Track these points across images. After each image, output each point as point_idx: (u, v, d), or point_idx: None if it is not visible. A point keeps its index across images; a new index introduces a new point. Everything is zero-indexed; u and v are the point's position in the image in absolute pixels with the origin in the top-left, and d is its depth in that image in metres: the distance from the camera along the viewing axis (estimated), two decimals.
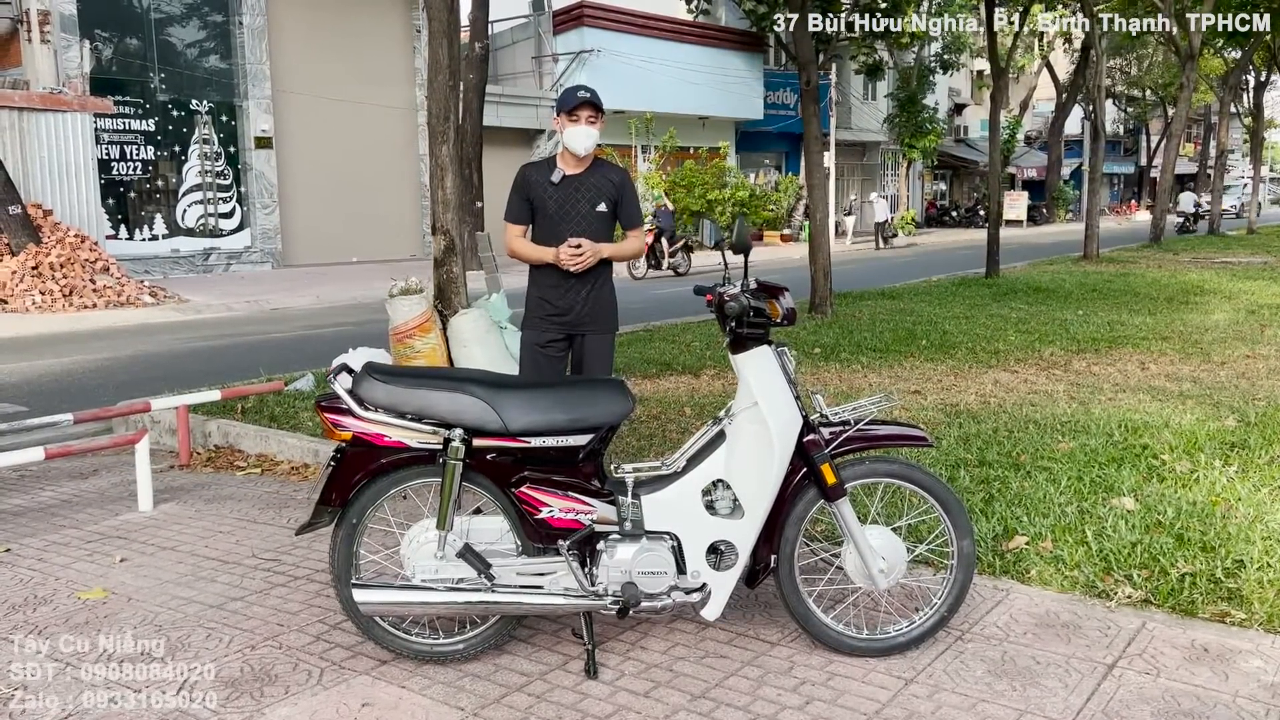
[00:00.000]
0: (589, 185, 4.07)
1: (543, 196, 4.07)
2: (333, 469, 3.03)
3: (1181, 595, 3.57)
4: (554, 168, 4.07)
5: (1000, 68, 16.53)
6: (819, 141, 11.63)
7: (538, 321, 4.16)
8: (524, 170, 4.17)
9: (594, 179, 4.09)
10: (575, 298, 4.10)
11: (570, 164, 4.07)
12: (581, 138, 3.96)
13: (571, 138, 3.97)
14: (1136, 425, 5.88)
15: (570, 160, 4.06)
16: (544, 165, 4.14)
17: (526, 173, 4.14)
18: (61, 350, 10.93)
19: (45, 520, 4.88)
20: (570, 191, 4.06)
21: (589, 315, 4.14)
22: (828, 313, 11.35)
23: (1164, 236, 25.48)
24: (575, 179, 4.07)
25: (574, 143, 3.97)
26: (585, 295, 4.11)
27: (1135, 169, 59.03)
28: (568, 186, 4.06)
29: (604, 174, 4.13)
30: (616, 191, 4.13)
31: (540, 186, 4.07)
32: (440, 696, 2.98)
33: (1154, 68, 44.25)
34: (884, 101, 37.49)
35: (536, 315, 4.16)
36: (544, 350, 4.15)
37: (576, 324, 4.13)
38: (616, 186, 4.14)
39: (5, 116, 16.07)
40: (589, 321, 4.14)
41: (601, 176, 4.11)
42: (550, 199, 4.05)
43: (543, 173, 4.09)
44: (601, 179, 4.11)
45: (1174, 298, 13.14)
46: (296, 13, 21.01)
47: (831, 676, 3.09)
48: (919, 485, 3.19)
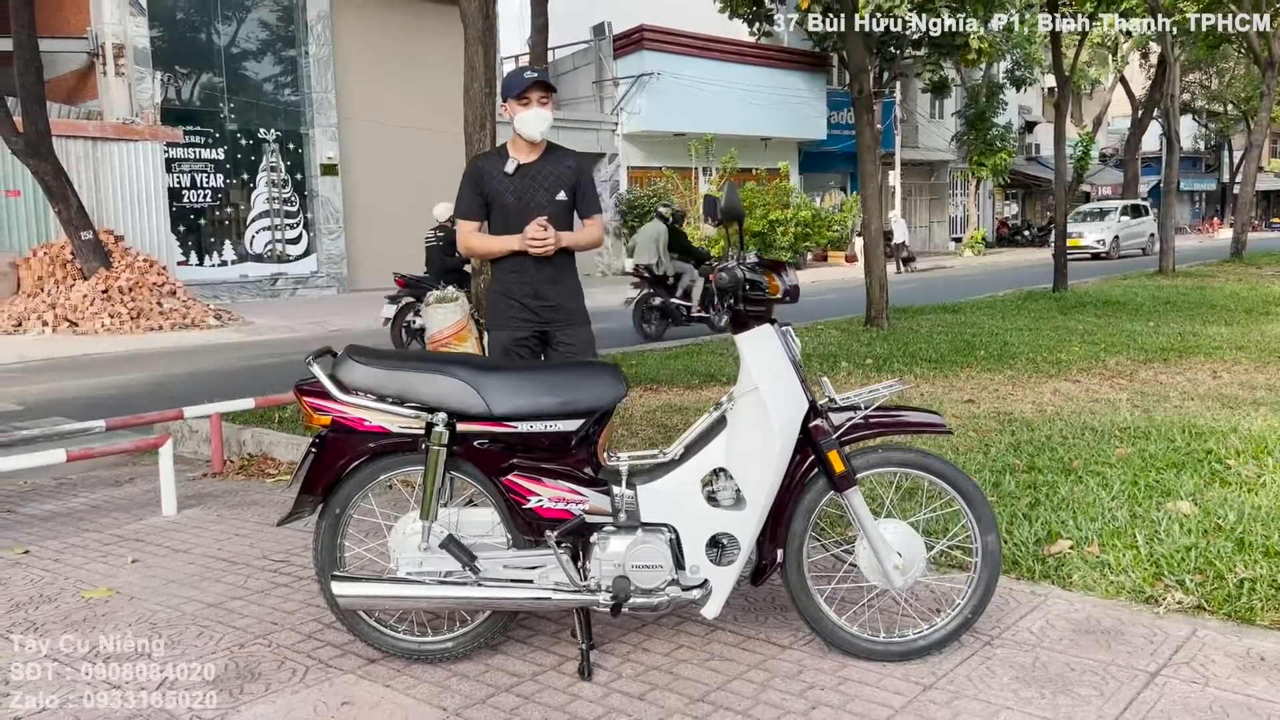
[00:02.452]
0: (546, 173, 3.87)
1: (498, 189, 3.84)
2: (313, 457, 2.91)
3: (1239, 601, 3.27)
4: (506, 157, 3.87)
5: (1065, 75, 16.06)
6: (872, 151, 11.37)
7: (506, 320, 3.93)
8: (474, 162, 3.99)
9: (551, 166, 3.88)
10: (541, 290, 3.88)
11: (523, 151, 3.87)
12: (535, 121, 3.76)
13: (524, 123, 3.77)
14: (1201, 430, 5.52)
15: (523, 148, 3.86)
16: (495, 156, 3.94)
17: (478, 164, 3.94)
18: (123, 369, 11.13)
19: (70, 524, 4.87)
20: (527, 181, 3.85)
21: (558, 307, 3.93)
22: (884, 325, 11.05)
23: (1245, 250, 24.49)
24: (531, 167, 3.86)
25: (527, 128, 3.78)
26: (550, 287, 3.90)
27: (1217, 186, 57.14)
28: (524, 176, 3.85)
29: (560, 160, 3.92)
30: (575, 178, 3.92)
31: (494, 178, 3.85)
32: (424, 696, 2.83)
33: (1235, 81, 42.86)
34: (951, 120, 36.88)
35: (504, 313, 3.94)
36: (516, 349, 3.93)
37: (546, 318, 3.93)
38: (574, 173, 3.93)
39: (80, 146, 16.60)
40: (559, 314, 3.94)
41: (558, 163, 3.91)
42: (507, 190, 3.84)
43: (495, 163, 3.89)
44: (558, 166, 3.90)
45: (1253, 309, 12.54)
46: (361, 42, 21.40)
47: (843, 681, 2.87)
48: (937, 475, 2.96)
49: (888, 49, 27.82)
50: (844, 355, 8.98)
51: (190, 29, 19.42)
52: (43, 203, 15.55)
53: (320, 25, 20.66)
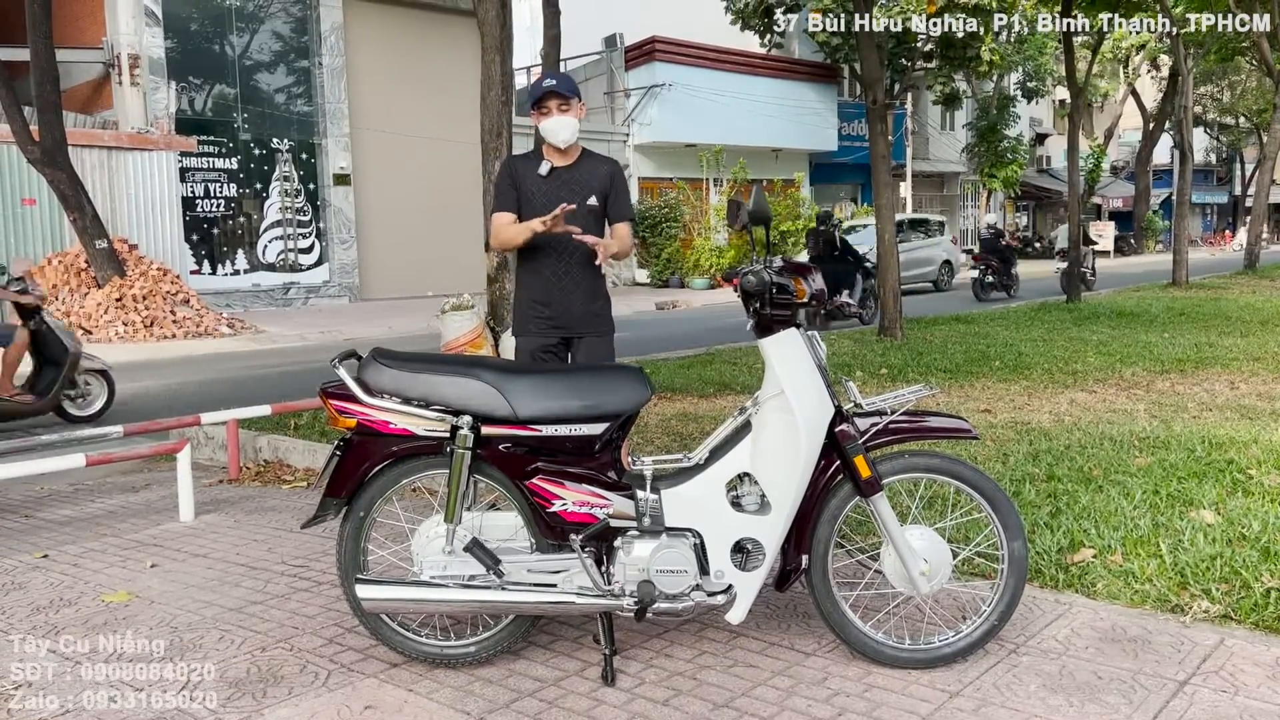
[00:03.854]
0: (578, 178, 3.89)
1: (531, 190, 3.87)
2: (338, 459, 2.91)
3: (1266, 610, 3.24)
4: (541, 160, 3.90)
5: (1078, 86, 16.04)
6: (886, 160, 11.36)
7: (531, 326, 3.95)
8: (511, 160, 4.02)
9: (583, 171, 3.91)
10: (569, 299, 3.89)
11: (556, 156, 3.89)
12: (558, 129, 3.79)
13: (548, 131, 3.80)
14: (1222, 441, 5.48)
15: (555, 152, 3.89)
16: (531, 157, 3.96)
17: (514, 163, 3.96)
18: (136, 376, 11.15)
19: (88, 529, 4.87)
20: (559, 185, 3.86)
21: (584, 316, 3.93)
22: (898, 335, 11.02)
23: (1259, 262, 24.40)
24: (564, 171, 3.88)
25: (552, 136, 3.81)
26: (579, 296, 3.91)
27: (1229, 198, 56.99)
28: (557, 179, 3.87)
29: (593, 165, 3.95)
30: (607, 183, 3.94)
31: (528, 179, 3.88)
32: (447, 700, 2.82)
33: (1247, 94, 42.79)
34: (962, 132, 36.87)
35: (530, 319, 3.95)
36: (542, 356, 3.95)
37: (572, 326, 3.93)
38: (607, 178, 3.95)
39: (95, 155, 16.68)
40: (585, 323, 3.94)
41: (591, 168, 3.93)
42: (539, 193, 3.85)
43: (530, 165, 3.91)
44: (591, 171, 3.92)
45: (1269, 321, 12.47)
46: (373, 53, 21.49)
47: (869, 688, 2.85)
48: (964, 481, 2.94)
49: (899, 60, 27.87)
50: (859, 365, 8.96)
51: (205, 40, 19.53)
52: (58, 211, 15.63)
53: (334, 36, 20.76)
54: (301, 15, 20.71)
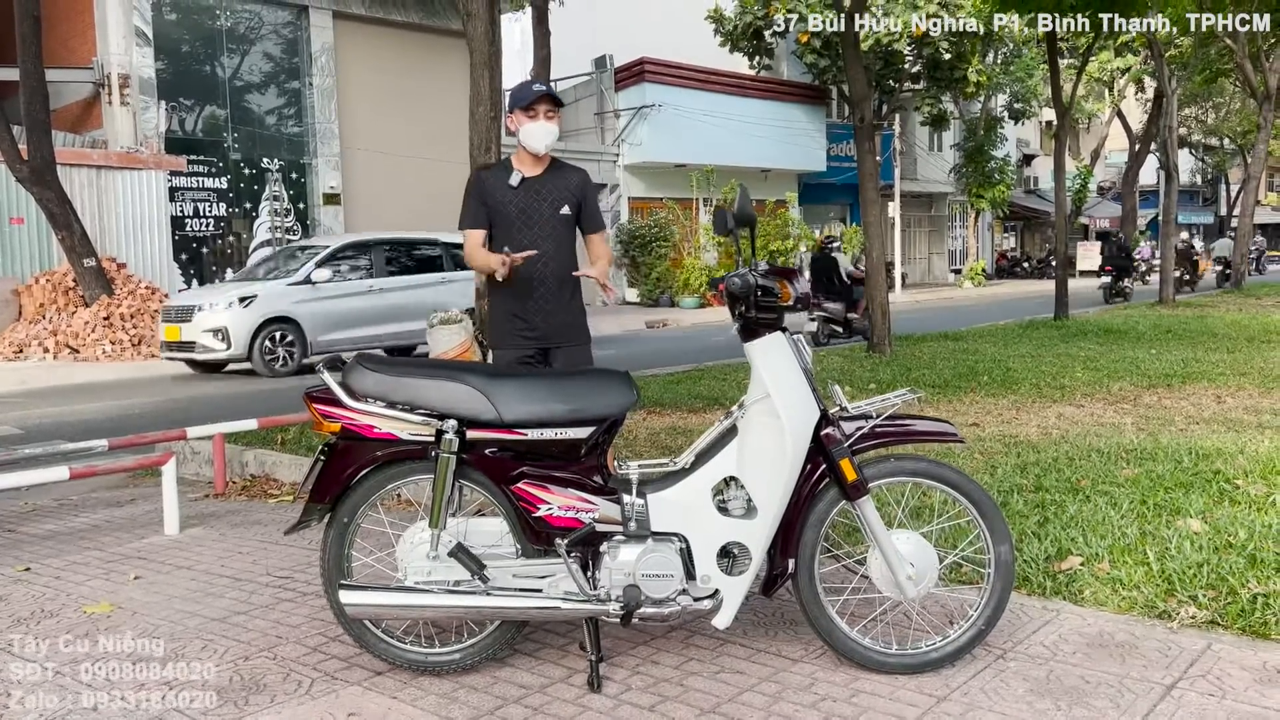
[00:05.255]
0: (550, 188, 3.87)
1: (501, 201, 3.84)
2: (322, 464, 2.89)
3: (1253, 616, 3.23)
4: (510, 170, 3.87)
5: (1064, 105, 16.17)
6: (874, 178, 11.42)
7: (509, 339, 3.93)
8: (478, 173, 3.98)
9: (555, 181, 3.89)
10: (546, 311, 3.89)
11: (528, 165, 3.87)
12: (541, 135, 3.77)
13: (529, 135, 3.77)
14: (1208, 452, 5.50)
15: (528, 161, 3.87)
16: (500, 169, 3.94)
17: (482, 176, 3.93)
18: (123, 394, 11.11)
19: (71, 543, 4.83)
20: (531, 195, 3.85)
21: (561, 328, 3.93)
22: (886, 352, 11.04)
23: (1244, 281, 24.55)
24: (535, 181, 3.86)
25: (532, 140, 3.78)
26: (556, 309, 3.91)
27: (1215, 219, 57.43)
28: (528, 189, 3.85)
29: (564, 175, 3.93)
30: (579, 193, 3.93)
31: (498, 190, 3.85)
32: (431, 707, 2.79)
33: (1231, 115, 43.18)
34: (950, 152, 37.10)
35: (506, 332, 3.94)
36: (520, 366, 3.93)
37: (549, 337, 3.93)
38: (579, 188, 3.94)
39: (85, 174, 16.67)
40: (561, 335, 3.94)
41: (562, 178, 3.92)
42: (510, 203, 3.83)
43: (499, 175, 3.89)
44: (563, 180, 3.91)
45: (1255, 337, 12.53)
46: (364, 73, 21.55)
47: (855, 693, 2.83)
48: (950, 485, 2.94)
49: (886, 82, 28.07)
50: (847, 380, 8.96)
51: (195, 60, 19.56)
52: (46, 230, 15.61)
53: (324, 57, 20.82)
54: (292, 36, 20.77)
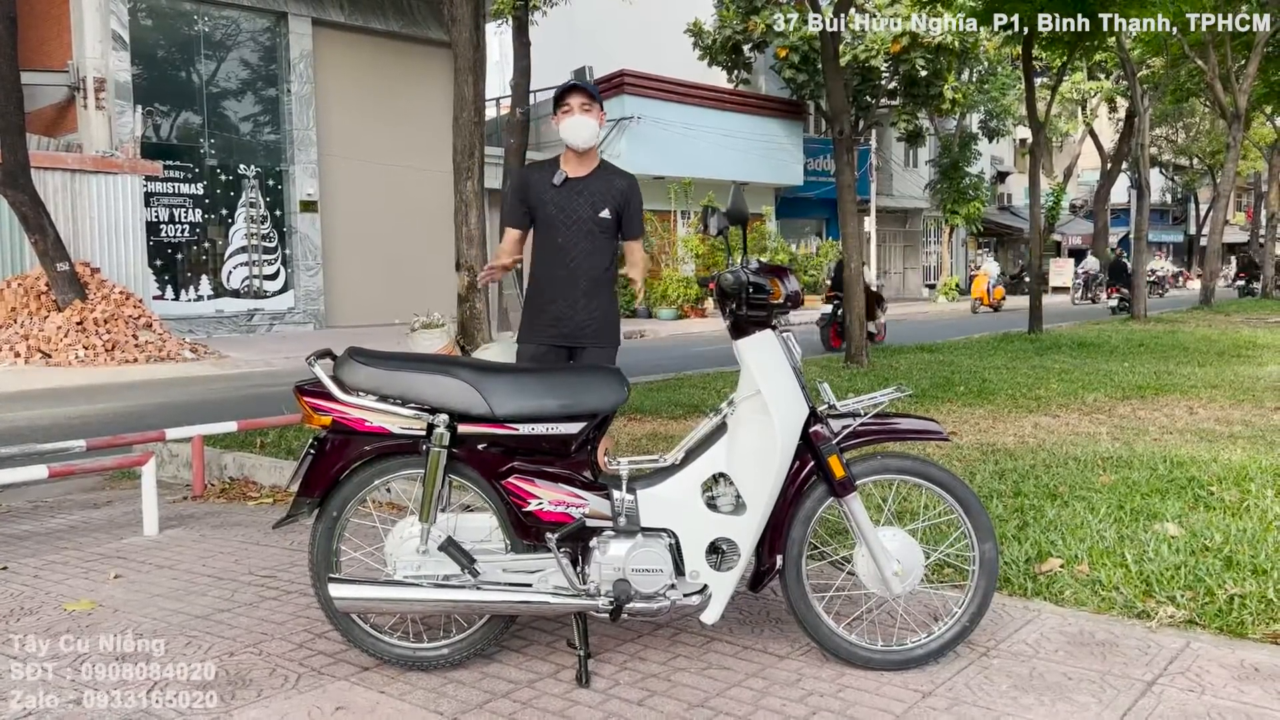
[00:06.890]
0: (592, 189, 3.89)
1: (542, 198, 3.86)
2: (312, 458, 2.89)
3: (1230, 616, 3.29)
4: (557, 169, 3.89)
5: (1039, 122, 16.38)
6: (852, 190, 11.51)
7: (536, 332, 3.96)
8: (524, 171, 4.02)
9: (598, 183, 3.91)
10: (577, 310, 3.91)
11: (573, 165, 3.88)
12: (578, 128, 3.78)
13: (568, 130, 3.79)
14: (1183, 460, 5.58)
15: (573, 161, 3.88)
16: (547, 166, 3.96)
17: (526, 174, 3.96)
18: (96, 399, 10.99)
19: (48, 543, 4.78)
20: (571, 195, 3.86)
21: (590, 328, 3.95)
22: (864, 363, 11.12)
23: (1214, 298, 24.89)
24: (578, 182, 3.88)
25: (571, 135, 3.79)
26: (587, 308, 3.93)
27: (1184, 238, 58.24)
28: (569, 189, 3.86)
29: (609, 179, 3.95)
30: (622, 198, 3.94)
31: (540, 188, 3.87)
32: (419, 701, 2.79)
33: (1201, 136, 43.86)
34: (925, 169, 37.43)
35: (536, 325, 3.96)
36: (542, 361, 3.96)
37: (576, 336, 3.94)
38: (622, 193, 3.95)
39: (58, 178, 16.48)
40: (590, 334, 3.95)
41: (606, 182, 3.93)
42: (550, 202, 3.85)
43: (544, 174, 3.91)
44: (606, 184, 3.92)
45: (1225, 351, 12.72)
46: (342, 80, 21.50)
47: (842, 689, 2.85)
48: (936, 483, 2.97)
49: (864, 97, 28.31)
50: None
51: (172, 65, 19.45)
52: (18, 233, 15.42)
53: (303, 63, 20.75)
54: (270, 43, 20.70)
